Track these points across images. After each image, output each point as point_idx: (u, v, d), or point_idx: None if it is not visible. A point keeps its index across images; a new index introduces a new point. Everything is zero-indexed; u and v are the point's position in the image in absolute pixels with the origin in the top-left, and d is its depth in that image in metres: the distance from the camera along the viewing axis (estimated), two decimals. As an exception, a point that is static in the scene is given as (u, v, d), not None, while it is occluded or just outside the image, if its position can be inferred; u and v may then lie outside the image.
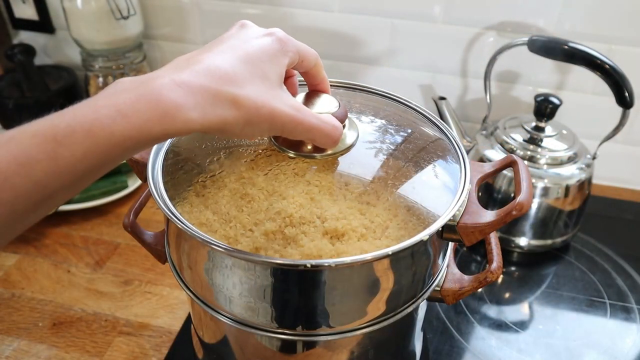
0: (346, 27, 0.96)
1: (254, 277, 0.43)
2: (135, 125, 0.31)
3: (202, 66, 0.35)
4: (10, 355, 0.66)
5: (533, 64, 0.90)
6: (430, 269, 0.47)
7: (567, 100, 0.87)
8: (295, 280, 0.42)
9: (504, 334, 0.71)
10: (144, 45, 1.04)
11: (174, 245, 0.48)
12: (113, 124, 0.31)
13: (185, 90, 0.33)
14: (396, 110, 0.58)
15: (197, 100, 0.33)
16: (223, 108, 0.34)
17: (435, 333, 0.70)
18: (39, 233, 0.84)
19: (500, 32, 0.91)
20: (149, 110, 0.32)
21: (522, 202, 0.42)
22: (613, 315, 0.74)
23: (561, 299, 0.76)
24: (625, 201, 0.97)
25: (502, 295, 0.77)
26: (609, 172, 0.99)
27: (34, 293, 0.75)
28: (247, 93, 0.35)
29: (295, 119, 0.38)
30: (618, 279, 0.79)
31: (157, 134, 0.32)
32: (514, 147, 0.81)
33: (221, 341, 0.53)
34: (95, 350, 0.67)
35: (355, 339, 0.48)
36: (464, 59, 0.94)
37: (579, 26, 0.87)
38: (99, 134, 0.30)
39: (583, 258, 0.84)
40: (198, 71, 0.34)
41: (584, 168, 0.80)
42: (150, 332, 0.70)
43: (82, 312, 0.72)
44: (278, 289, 0.43)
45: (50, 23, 1.09)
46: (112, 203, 0.90)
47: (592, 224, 0.89)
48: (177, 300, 0.74)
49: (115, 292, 0.75)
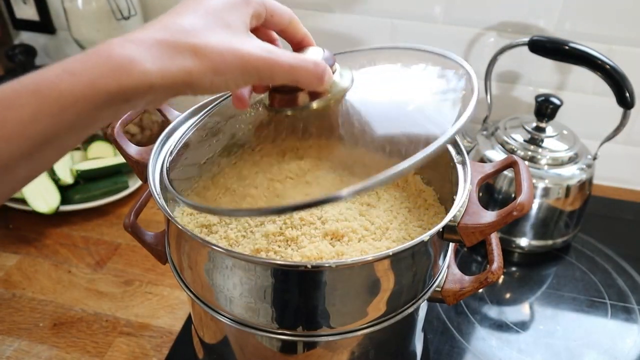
0: (347, 28, 0.96)
1: (255, 278, 0.43)
2: (86, 83, 0.30)
3: (158, 25, 0.34)
4: (11, 356, 0.66)
5: (534, 64, 0.90)
6: (431, 269, 0.47)
7: (567, 101, 0.87)
8: (296, 281, 0.42)
9: (504, 334, 0.71)
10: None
11: (174, 246, 0.48)
12: (60, 82, 0.29)
13: (137, 44, 0.31)
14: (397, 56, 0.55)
15: (153, 53, 0.32)
16: (184, 59, 0.33)
17: (435, 333, 0.70)
18: (40, 233, 0.85)
19: (500, 32, 0.91)
20: (99, 65, 0.30)
21: (523, 203, 0.42)
22: (614, 316, 0.74)
23: (562, 300, 0.76)
24: (625, 201, 0.97)
25: (502, 295, 0.77)
26: (609, 173, 0.99)
27: (35, 293, 0.75)
28: (207, 40, 0.34)
29: (269, 60, 0.35)
30: (619, 280, 0.79)
31: (113, 90, 0.30)
32: (514, 147, 0.81)
33: (222, 341, 0.53)
34: (96, 350, 0.67)
35: (356, 339, 0.48)
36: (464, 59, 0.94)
37: (580, 26, 0.87)
38: (46, 94, 0.29)
39: (584, 258, 0.84)
40: (153, 29, 0.33)
41: (584, 168, 0.80)
42: (150, 333, 0.70)
43: (83, 312, 0.72)
44: (278, 290, 0.43)
45: (51, 23, 1.09)
46: (113, 203, 0.91)
47: (593, 224, 0.89)
48: (178, 300, 0.74)
49: (115, 292, 0.75)
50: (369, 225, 0.51)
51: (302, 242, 0.48)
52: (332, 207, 0.53)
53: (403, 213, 0.54)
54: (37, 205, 0.83)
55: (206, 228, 0.52)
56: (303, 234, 0.49)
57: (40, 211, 0.82)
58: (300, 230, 0.49)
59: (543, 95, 0.80)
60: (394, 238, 0.49)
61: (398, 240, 0.49)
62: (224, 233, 0.50)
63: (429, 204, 0.56)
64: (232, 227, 0.51)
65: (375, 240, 0.49)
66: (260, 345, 0.49)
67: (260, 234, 0.49)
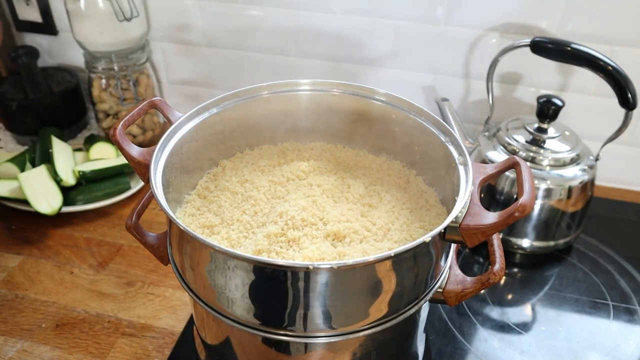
0: (349, 29, 0.96)
1: (256, 279, 0.43)
2: None
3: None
4: (14, 357, 0.67)
5: (536, 65, 0.90)
6: (433, 270, 0.47)
7: (569, 102, 0.87)
8: (297, 283, 0.42)
9: (506, 335, 0.71)
10: (147, 47, 1.04)
11: (176, 247, 0.49)
12: None
13: None
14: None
15: None
16: None
17: (437, 335, 0.70)
18: (42, 234, 0.85)
19: (502, 33, 0.91)
20: None
21: (525, 204, 0.42)
22: (616, 317, 0.74)
23: (564, 301, 0.76)
24: (628, 203, 0.97)
25: (504, 296, 0.77)
26: (611, 174, 0.99)
27: (37, 294, 0.75)
28: None
29: None
30: (621, 281, 0.79)
31: None
32: (516, 148, 0.81)
33: (223, 342, 0.53)
34: (98, 351, 0.68)
35: (358, 340, 0.48)
36: (466, 60, 0.94)
37: (582, 28, 0.87)
38: None
39: (586, 260, 0.83)
40: None
41: (586, 169, 0.80)
42: (152, 334, 0.70)
43: (85, 313, 0.73)
44: (280, 291, 0.43)
45: (53, 25, 1.09)
46: (115, 204, 0.91)
47: (595, 226, 0.88)
48: (180, 301, 0.74)
49: (118, 293, 0.75)
50: (370, 226, 0.51)
51: (304, 243, 0.48)
52: (333, 208, 0.53)
53: (405, 214, 0.54)
54: (40, 207, 0.83)
55: (208, 229, 0.52)
56: (305, 235, 0.48)
57: (42, 212, 0.82)
58: (301, 231, 0.49)
59: (545, 96, 0.80)
60: (395, 239, 0.49)
61: (400, 241, 0.49)
62: (225, 234, 0.50)
63: (431, 204, 0.56)
64: (234, 228, 0.51)
65: (377, 242, 0.49)
66: (262, 346, 0.49)
67: (262, 235, 0.49)
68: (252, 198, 0.54)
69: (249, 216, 0.52)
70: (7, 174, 0.90)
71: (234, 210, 0.54)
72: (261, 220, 0.52)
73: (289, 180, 0.58)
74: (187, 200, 0.56)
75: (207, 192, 0.57)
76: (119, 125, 0.51)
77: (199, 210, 0.55)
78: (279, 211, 0.51)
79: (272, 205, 0.53)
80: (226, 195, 0.56)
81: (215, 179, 0.59)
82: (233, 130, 0.60)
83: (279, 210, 0.51)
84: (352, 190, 0.57)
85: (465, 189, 0.46)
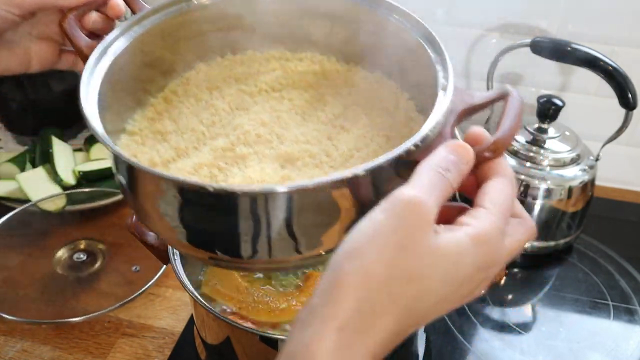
0: (349, 29, 0.96)
1: (173, 198, 0.36)
2: None
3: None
4: (14, 357, 0.67)
5: (536, 65, 0.90)
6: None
7: (570, 102, 0.87)
8: (209, 204, 0.35)
9: (507, 335, 0.71)
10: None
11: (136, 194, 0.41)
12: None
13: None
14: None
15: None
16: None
17: (437, 335, 0.70)
18: (42, 233, 0.85)
19: (503, 33, 0.90)
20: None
21: (498, 141, 0.35)
22: (616, 317, 0.74)
23: (564, 301, 0.76)
24: (628, 203, 0.97)
25: (505, 297, 0.77)
26: (612, 174, 0.99)
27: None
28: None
29: None
30: (621, 281, 0.79)
31: None
32: (516, 148, 0.81)
33: (223, 342, 0.53)
34: (99, 351, 0.67)
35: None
36: (466, 60, 0.94)
37: (582, 27, 0.87)
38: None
39: (586, 260, 0.83)
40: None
41: (586, 169, 0.80)
42: (153, 334, 0.70)
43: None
44: (196, 212, 0.37)
45: (53, 25, 1.09)
46: (115, 204, 0.90)
47: (595, 226, 0.88)
48: (180, 301, 0.74)
49: (118, 293, 0.75)
50: (332, 150, 0.43)
51: (251, 162, 0.42)
52: (297, 127, 0.46)
53: (378, 141, 0.45)
54: (44, 205, 0.83)
55: (161, 135, 0.46)
56: (255, 153, 0.43)
57: (48, 210, 0.83)
58: (253, 148, 0.43)
59: (545, 96, 0.80)
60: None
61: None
62: (175, 143, 0.45)
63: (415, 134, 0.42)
64: (186, 137, 0.45)
65: (332, 168, 0.42)
66: (262, 346, 0.49)
67: (210, 148, 0.43)
68: (214, 107, 0.48)
69: (205, 126, 0.46)
70: (7, 174, 0.90)
71: (192, 117, 0.47)
72: (216, 131, 0.46)
73: (261, 91, 0.50)
74: (152, 103, 0.49)
75: (173, 95, 0.50)
76: (71, 15, 0.46)
77: (160, 114, 0.48)
78: (235, 123, 0.45)
79: (233, 117, 0.47)
80: (190, 102, 0.49)
81: (188, 83, 0.51)
82: (215, 31, 0.52)
83: (235, 123, 0.45)
84: (328, 109, 0.48)
85: (433, 119, 0.37)
